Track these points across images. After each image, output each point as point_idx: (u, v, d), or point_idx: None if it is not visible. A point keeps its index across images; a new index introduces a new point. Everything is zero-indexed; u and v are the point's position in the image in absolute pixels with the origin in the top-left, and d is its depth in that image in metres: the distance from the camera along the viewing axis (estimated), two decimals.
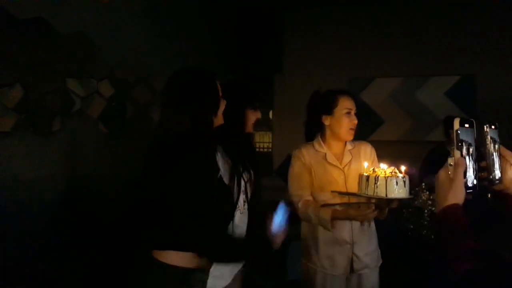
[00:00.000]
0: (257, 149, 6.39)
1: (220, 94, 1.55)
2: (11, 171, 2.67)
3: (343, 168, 2.10)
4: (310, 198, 2.09)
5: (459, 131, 1.01)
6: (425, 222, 3.39)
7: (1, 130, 3.07)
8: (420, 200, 3.34)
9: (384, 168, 1.92)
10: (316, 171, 2.11)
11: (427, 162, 4.01)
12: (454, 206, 0.96)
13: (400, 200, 1.90)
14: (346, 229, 2.06)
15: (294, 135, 2.49)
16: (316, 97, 2.20)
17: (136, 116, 3.62)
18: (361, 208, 1.92)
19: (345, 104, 2.08)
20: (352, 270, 2.08)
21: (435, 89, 4.98)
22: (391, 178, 1.83)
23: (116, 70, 3.42)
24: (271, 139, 5.89)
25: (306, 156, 2.12)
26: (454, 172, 0.99)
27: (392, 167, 1.93)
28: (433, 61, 4.93)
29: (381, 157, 2.21)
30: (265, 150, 6.66)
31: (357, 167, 2.05)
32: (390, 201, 1.88)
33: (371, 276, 2.12)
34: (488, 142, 1.04)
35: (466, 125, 1.01)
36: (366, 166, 2.00)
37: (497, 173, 1.03)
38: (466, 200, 0.98)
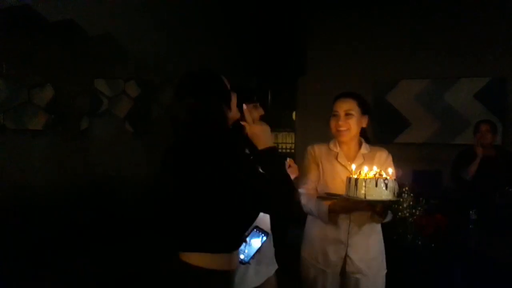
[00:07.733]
0: (280, 150, 6.42)
1: (228, 86, 1.54)
2: (42, 168, 2.75)
3: (352, 170, 2.08)
4: (313, 192, 2.11)
5: None
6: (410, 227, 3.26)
7: (34, 128, 3.19)
8: (401, 206, 3.19)
9: (374, 170, 1.88)
10: (324, 167, 2.13)
11: (457, 164, 3.92)
12: None
13: (383, 203, 1.85)
14: (343, 229, 2.04)
15: (316, 136, 2.48)
16: None
17: (162, 116, 3.68)
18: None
19: (334, 107, 2.11)
20: (344, 271, 2.05)
21: (464, 91, 4.84)
22: (370, 180, 1.79)
23: (142, 71, 3.49)
24: (294, 140, 5.92)
25: (317, 151, 2.16)
26: None
27: (378, 170, 1.88)
28: (462, 63, 4.80)
29: (406, 159, 2.17)
30: (288, 150, 6.69)
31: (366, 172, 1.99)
32: (372, 203, 1.85)
33: (372, 284, 2.05)
34: None
35: None
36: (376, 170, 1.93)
37: None
38: None
